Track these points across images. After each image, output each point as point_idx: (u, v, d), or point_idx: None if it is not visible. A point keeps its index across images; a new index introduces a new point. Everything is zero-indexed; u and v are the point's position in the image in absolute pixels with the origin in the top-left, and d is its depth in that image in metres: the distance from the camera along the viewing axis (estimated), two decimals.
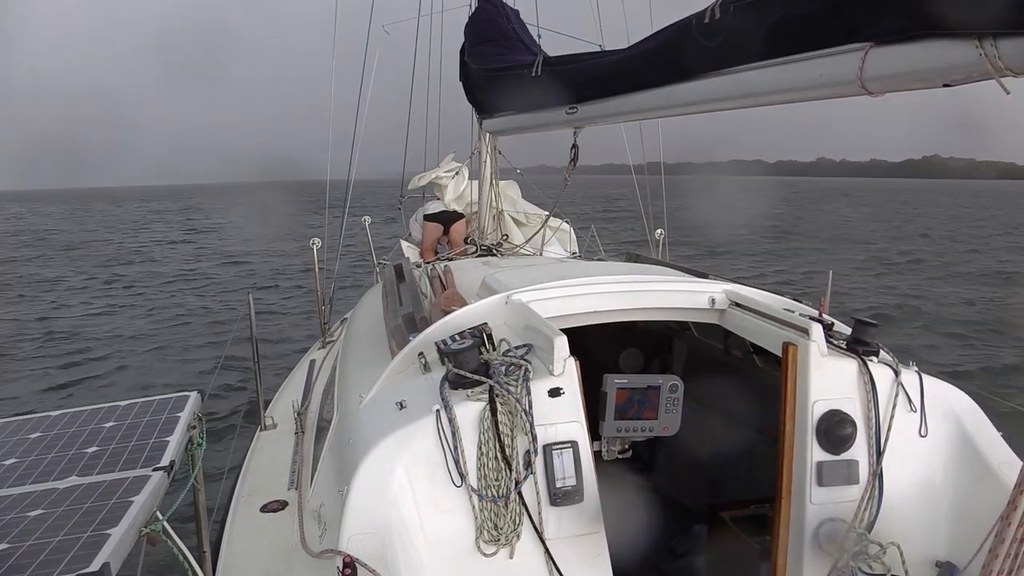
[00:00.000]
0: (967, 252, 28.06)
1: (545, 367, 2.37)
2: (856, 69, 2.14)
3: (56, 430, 3.05)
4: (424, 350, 2.78)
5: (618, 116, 3.99)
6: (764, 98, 2.73)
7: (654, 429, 2.68)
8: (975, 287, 19.06)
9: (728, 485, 3.62)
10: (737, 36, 2.59)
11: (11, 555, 2.00)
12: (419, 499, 2.18)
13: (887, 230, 35.80)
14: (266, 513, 3.16)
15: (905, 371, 2.56)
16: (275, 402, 4.97)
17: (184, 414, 3.05)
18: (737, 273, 13.33)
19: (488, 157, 6.05)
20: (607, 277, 3.17)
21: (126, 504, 2.25)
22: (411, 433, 2.24)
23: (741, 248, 24.63)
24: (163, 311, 15.96)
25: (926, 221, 45.31)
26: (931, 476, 2.53)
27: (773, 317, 2.79)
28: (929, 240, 32.58)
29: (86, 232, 39.82)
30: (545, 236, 6.08)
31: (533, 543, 2.21)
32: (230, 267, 22.95)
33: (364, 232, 7.25)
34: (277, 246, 24.25)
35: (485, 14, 5.59)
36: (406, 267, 4.50)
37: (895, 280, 20.06)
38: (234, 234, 30.49)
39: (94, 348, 12.62)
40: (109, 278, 21.12)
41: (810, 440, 2.47)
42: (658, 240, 6.27)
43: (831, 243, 27.33)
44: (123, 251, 29.14)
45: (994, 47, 1.76)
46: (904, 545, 2.35)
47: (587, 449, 2.32)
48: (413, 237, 6.87)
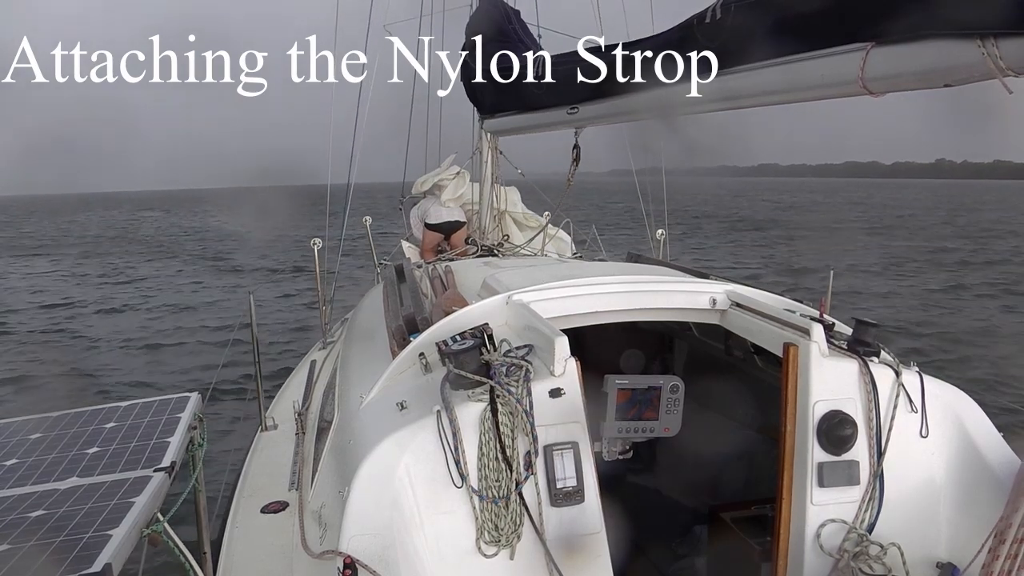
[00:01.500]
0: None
1: (546, 368, 2.37)
2: (857, 69, 2.13)
3: (57, 431, 3.05)
4: (425, 350, 2.78)
5: (619, 116, 3.99)
6: (765, 98, 2.73)
7: (655, 430, 2.68)
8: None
9: (729, 486, 3.62)
10: (738, 36, 2.59)
11: (12, 556, 2.00)
12: (420, 500, 2.18)
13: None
14: (267, 514, 3.16)
15: (906, 371, 2.56)
16: (276, 403, 4.97)
17: (185, 415, 3.06)
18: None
19: (489, 157, 6.05)
20: (608, 278, 3.17)
21: (127, 505, 2.25)
22: (412, 434, 2.24)
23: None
24: (163, 311, 15.98)
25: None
26: (932, 477, 2.53)
27: (774, 318, 2.79)
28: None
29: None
30: (546, 236, 6.09)
31: (534, 544, 2.21)
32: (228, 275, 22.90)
33: (365, 232, 7.26)
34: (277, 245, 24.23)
35: (486, 14, 5.59)
36: (407, 267, 4.50)
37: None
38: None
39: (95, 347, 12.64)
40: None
41: (811, 441, 2.47)
42: (659, 240, 6.28)
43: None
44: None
45: (995, 47, 1.76)
46: (905, 546, 2.35)
47: (588, 450, 2.31)
48: (414, 237, 6.88)
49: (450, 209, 6.54)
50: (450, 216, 6.53)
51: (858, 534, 2.40)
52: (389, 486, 2.17)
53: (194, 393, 3.34)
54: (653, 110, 3.56)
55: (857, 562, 2.35)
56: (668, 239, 6.33)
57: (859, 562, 2.35)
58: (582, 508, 2.26)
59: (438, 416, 2.23)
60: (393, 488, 2.16)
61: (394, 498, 2.15)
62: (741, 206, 57.48)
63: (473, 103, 5.86)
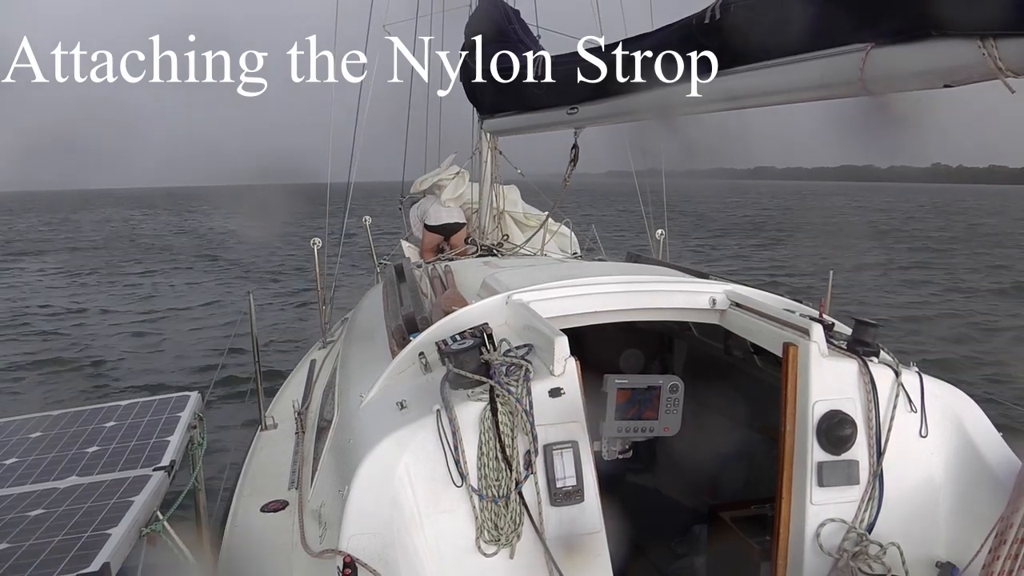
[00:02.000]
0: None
1: (546, 367, 2.37)
2: (857, 70, 2.13)
3: (56, 430, 3.05)
4: (425, 350, 2.78)
5: (619, 116, 3.99)
6: (765, 99, 2.73)
7: (654, 429, 2.68)
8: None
9: (728, 485, 3.62)
10: (738, 36, 2.59)
11: (11, 555, 2.00)
12: (419, 499, 2.18)
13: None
14: (266, 513, 3.16)
15: (905, 371, 2.56)
16: (276, 402, 4.97)
17: (184, 414, 3.06)
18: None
19: (489, 157, 6.05)
20: (608, 277, 3.17)
21: (126, 504, 2.25)
22: (412, 433, 2.24)
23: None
24: (163, 310, 15.98)
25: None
26: (931, 476, 2.53)
27: (773, 317, 2.79)
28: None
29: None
30: (546, 236, 6.08)
31: (533, 543, 2.21)
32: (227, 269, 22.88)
33: (364, 232, 7.25)
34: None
35: (485, 14, 5.59)
36: (407, 267, 4.50)
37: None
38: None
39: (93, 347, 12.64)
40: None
41: (810, 440, 2.47)
42: (658, 240, 6.28)
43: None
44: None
45: (995, 47, 1.76)
46: (904, 545, 2.35)
47: (587, 449, 2.31)
48: (414, 236, 6.87)
49: (450, 210, 6.54)
50: (450, 217, 6.53)
51: (857, 534, 2.40)
52: (389, 485, 2.17)
53: (194, 392, 3.34)
54: (653, 110, 3.56)
55: (856, 562, 2.35)
56: (667, 239, 6.33)
57: (858, 562, 2.35)
58: (582, 507, 2.26)
59: (438, 415, 2.23)
60: (393, 487, 2.16)
61: (394, 497, 2.16)
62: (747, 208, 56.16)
63: (473, 103, 5.86)
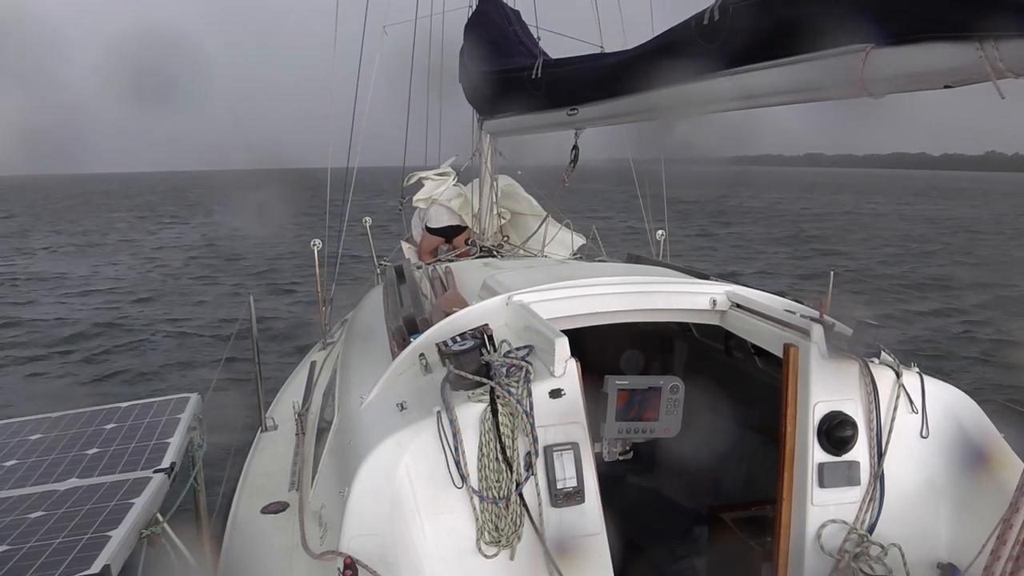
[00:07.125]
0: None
1: (546, 368, 2.37)
2: (857, 71, 2.13)
3: (57, 431, 3.05)
4: (425, 351, 2.78)
5: (619, 117, 3.99)
6: (765, 99, 2.72)
7: (655, 430, 2.67)
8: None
9: (729, 486, 3.62)
10: (737, 37, 2.59)
11: (12, 557, 2.00)
12: (420, 500, 2.18)
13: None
14: (267, 514, 3.16)
15: (906, 372, 2.56)
16: (276, 403, 4.96)
17: (185, 416, 3.06)
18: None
19: (489, 158, 6.05)
20: (608, 278, 3.17)
21: (127, 506, 2.25)
22: (412, 434, 2.24)
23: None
24: (163, 310, 15.97)
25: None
26: (932, 477, 2.53)
27: (774, 318, 2.79)
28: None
29: None
30: (546, 237, 6.08)
31: (534, 544, 2.21)
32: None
33: (365, 233, 7.25)
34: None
35: (485, 15, 5.59)
36: (407, 268, 4.49)
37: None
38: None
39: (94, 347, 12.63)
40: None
41: (811, 441, 2.47)
42: (659, 241, 6.28)
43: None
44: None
45: (995, 49, 1.75)
46: (905, 546, 2.35)
47: (588, 450, 2.31)
48: (414, 238, 6.88)
49: (452, 214, 6.55)
50: (452, 221, 6.54)
51: (859, 535, 2.40)
52: (389, 486, 2.17)
53: (194, 394, 3.34)
54: (653, 112, 3.57)
55: (858, 563, 2.35)
56: (668, 240, 6.33)
57: (860, 563, 2.35)
58: (582, 509, 2.26)
59: (438, 417, 2.23)
60: (393, 488, 2.16)
61: (394, 498, 2.16)
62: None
63: (472, 104, 5.86)
